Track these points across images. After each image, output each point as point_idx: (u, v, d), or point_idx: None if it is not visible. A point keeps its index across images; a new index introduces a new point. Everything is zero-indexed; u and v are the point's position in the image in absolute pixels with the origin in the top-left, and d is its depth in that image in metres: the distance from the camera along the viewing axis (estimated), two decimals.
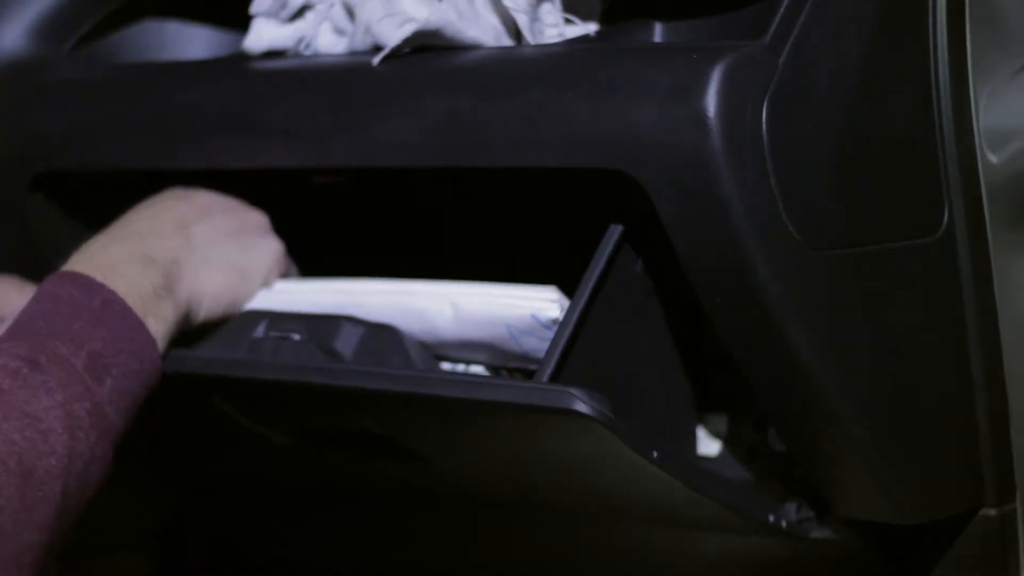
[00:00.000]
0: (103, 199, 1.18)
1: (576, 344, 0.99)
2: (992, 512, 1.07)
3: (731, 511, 1.03)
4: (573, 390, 0.94)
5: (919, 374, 1.03)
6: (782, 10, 0.96)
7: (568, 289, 1.03)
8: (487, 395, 0.97)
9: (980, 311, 1.04)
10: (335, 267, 1.20)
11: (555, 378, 0.98)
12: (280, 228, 1.19)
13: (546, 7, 1.09)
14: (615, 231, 1.01)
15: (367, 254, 1.24)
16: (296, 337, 1.09)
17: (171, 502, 1.41)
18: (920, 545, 1.11)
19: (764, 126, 0.94)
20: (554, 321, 1.02)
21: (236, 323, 1.12)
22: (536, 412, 0.96)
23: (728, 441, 1.13)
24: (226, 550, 1.43)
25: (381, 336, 1.08)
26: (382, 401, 1.01)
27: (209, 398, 1.10)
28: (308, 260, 1.23)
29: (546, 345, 1.00)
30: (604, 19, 1.12)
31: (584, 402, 0.94)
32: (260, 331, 1.11)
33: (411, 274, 1.11)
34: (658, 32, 1.12)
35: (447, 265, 1.16)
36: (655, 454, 0.98)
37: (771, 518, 1.05)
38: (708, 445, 1.13)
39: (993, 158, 1.03)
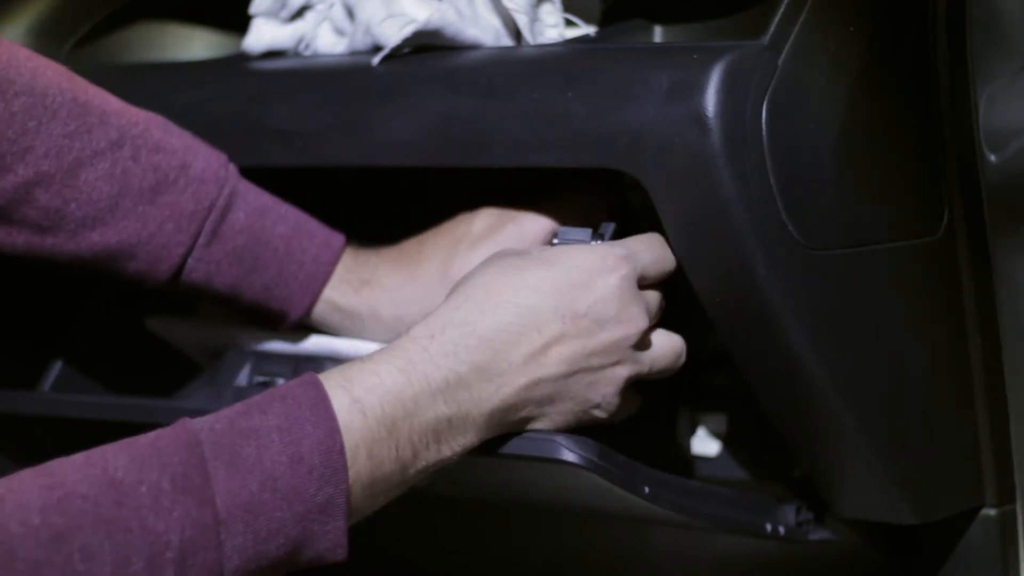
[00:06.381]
0: None
1: None
2: (992, 512, 1.07)
3: (725, 525, 1.03)
4: (559, 438, 0.93)
5: (919, 374, 1.03)
6: (782, 10, 0.96)
7: None
8: None
9: (980, 311, 1.04)
10: None
11: None
12: None
13: (546, 7, 1.08)
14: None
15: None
16: (280, 383, 1.07)
17: None
18: (920, 545, 1.11)
19: (764, 126, 0.94)
20: None
21: (220, 365, 1.11)
22: (523, 460, 0.95)
23: (728, 441, 1.13)
24: None
25: None
26: None
27: None
28: None
29: None
30: (604, 19, 1.12)
31: (571, 451, 0.93)
32: (244, 376, 1.09)
33: None
34: (658, 33, 1.12)
35: None
36: (646, 490, 0.97)
37: (768, 527, 1.05)
38: (708, 445, 1.13)
39: (993, 158, 1.03)
